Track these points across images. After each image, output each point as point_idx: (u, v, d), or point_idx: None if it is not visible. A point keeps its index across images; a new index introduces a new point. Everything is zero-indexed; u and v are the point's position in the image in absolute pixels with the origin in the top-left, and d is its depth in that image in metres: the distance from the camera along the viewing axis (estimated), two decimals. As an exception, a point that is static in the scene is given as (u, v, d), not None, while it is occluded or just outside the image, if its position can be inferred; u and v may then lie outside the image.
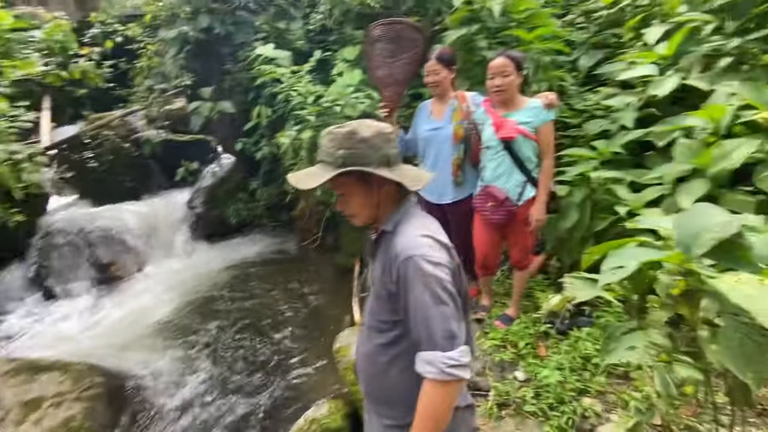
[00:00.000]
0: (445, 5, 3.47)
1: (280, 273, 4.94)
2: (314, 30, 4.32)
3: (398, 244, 1.04)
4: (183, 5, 4.68)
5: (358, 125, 1.06)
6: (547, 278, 2.75)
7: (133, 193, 6.26)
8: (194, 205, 5.99)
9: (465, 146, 2.35)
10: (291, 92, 3.42)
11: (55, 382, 2.87)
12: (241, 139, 4.82)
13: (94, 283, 4.93)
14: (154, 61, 5.31)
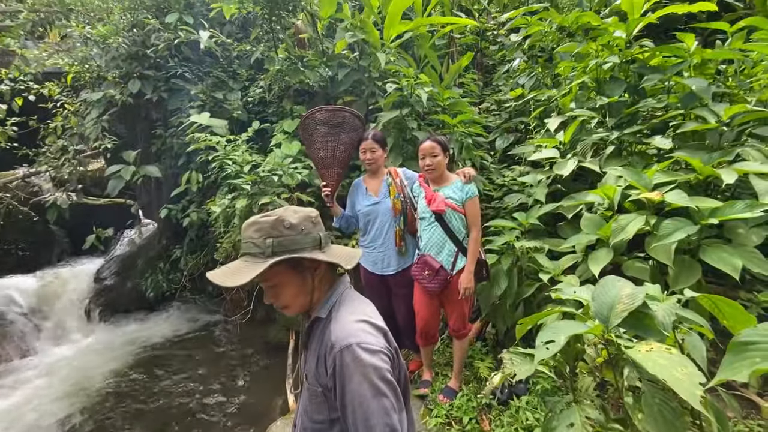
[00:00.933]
0: (379, 89, 3.81)
1: (203, 351, 4.41)
2: (253, 101, 4.42)
3: (333, 333, 0.98)
4: (112, 69, 4.55)
5: (284, 212, 1.03)
6: (485, 345, 2.80)
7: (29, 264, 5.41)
8: (104, 276, 5.31)
9: (403, 218, 2.45)
10: (226, 160, 3.36)
11: None
12: (167, 205, 4.52)
13: (-47, 380, 3.94)
14: (72, 122, 4.95)
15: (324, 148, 2.58)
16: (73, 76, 4.81)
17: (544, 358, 1.10)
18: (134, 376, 4.07)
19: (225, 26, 4.84)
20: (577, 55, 3.20)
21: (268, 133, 4.20)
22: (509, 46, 4.38)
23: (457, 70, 3.84)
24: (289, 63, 3.94)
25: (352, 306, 1.05)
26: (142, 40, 4.53)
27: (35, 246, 5.71)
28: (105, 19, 4.89)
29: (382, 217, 2.47)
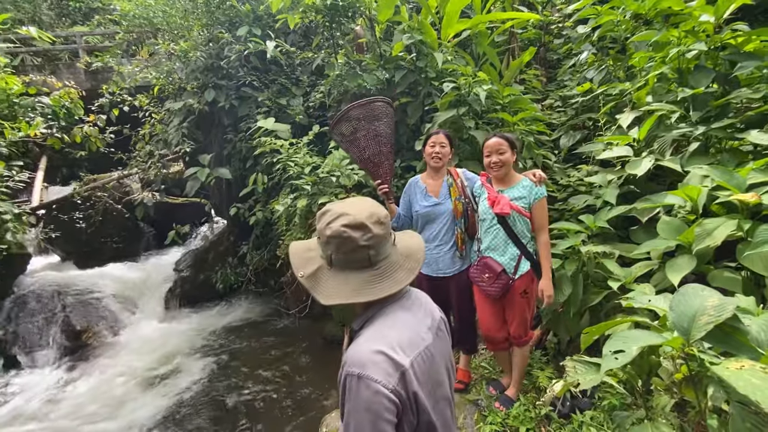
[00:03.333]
0: (435, 90, 3.79)
1: (264, 344, 4.69)
2: (313, 106, 4.62)
3: (349, 352, 0.93)
4: (191, 80, 5.03)
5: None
6: (545, 354, 2.66)
7: (120, 255, 6.15)
8: (181, 268, 5.86)
9: (464, 220, 2.41)
10: (289, 162, 3.56)
11: (0, 472, 2.53)
12: (235, 204, 4.88)
13: (63, 352, 4.60)
14: (158, 129, 5.54)
15: (368, 147, 2.49)
16: (159, 88, 5.39)
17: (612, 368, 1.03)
18: (203, 359, 4.44)
19: (289, 36, 5.12)
20: (656, 44, 2.93)
21: (326, 136, 4.37)
22: (576, 39, 4.13)
23: (518, 66, 3.70)
24: (347, 68, 4.07)
25: (381, 328, 0.96)
26: (217, 53, 4.94)
27: (126, 239, 6.46)
28: (186, 36, 5.41)
29: (442, 219, 2.44)
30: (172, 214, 6.57)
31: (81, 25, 10.92)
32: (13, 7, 10.61)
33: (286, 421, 3.38)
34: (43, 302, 4.98)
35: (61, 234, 6.06)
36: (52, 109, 6.19)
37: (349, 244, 0.95)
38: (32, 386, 4.11)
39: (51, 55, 9.67)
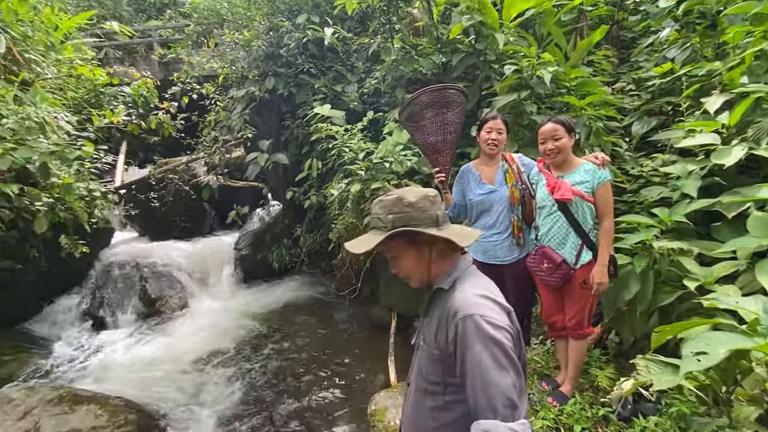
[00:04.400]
0: (494, 73, 3.64)
1: (315, 322, 4.90)
2: (368, 93, 4.65)
3: (455, 302, 1.02)
4: (252, 69, 5.26)
5: (403, 191, 1.12)
6: (605, 353, 2.52)
7: (187, 233, 6.67)
8: (240, 247, 6.25)
9: (521, 207, 2.32)
10: (344, 148, 3.62)
11: (93, 416, 2.90)
12: (291, 188, 5.09)
13: (141, 316, 5.14)
14: (222, 116, 5.88)
15: (433, 133, 2.48)
16: (224, 76, 5.70)
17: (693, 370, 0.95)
18: (258, 332, 4.74)
19: (346, 22, 5.16)
20: (755, 16, 2.58)
21: (380, 122, 4.39)
22: (656, 15, 3.74)
23: (586, 46, 3.45)
24: (403, 53, 4.03)
25: (475, 281, 1.09)
26: (277, 42, 5.11)
27: (193, 218, 6.99)
28: (249, 26, 5.65)
29: (498, 207, 2.37)
30: (232, 197, 6.98)
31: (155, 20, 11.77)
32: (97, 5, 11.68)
33: (335, 398, 3.53)
34: (124, 272, 5.56)
35: (139, 212, 6.70)
36: (132, 97, 6.79)
37: (437, 202, 1.11)
38: (115, 343, 4.65)
39: (129, 48, 10.55)
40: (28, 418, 2.79)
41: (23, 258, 4.61)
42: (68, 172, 4.81)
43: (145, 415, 3.19)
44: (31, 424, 2.75)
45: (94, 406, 2.98)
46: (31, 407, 2.87)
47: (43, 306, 5.12)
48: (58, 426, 2.76)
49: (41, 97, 4.53)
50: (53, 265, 4.96)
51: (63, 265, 5.06)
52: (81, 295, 5.39)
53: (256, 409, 3.45)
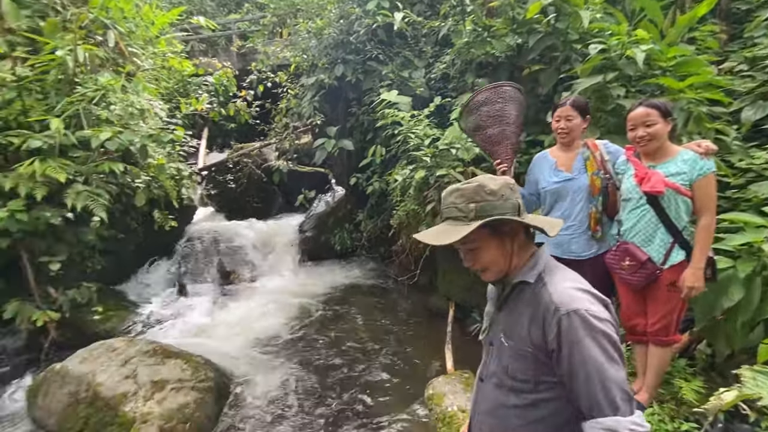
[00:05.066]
0: (576, 54, 3.37)
1: (374, 305, 5.03)
2: (435, 78, 4.57)
3: (552, 297, 0.98)
4: (323, 57, 5.42)
5: (483, 179, 1.07)
6: (692, 365, 2.28)
7: (258, 213, 7.17)
8: (305, 229, 6.57)
9: (602, 198, 2.15)
10: (409, 134, 3.62)
11: (179, 369, 3.28)
12: (355, 174, 5.21)
13: (217, 287, 5.66)
14: (293, 103, 6.17)
15: (492, 126, 2.42)
16: (296, 65, 5.95)
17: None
18: (320, 310, 4.98)
19: (415, 6, 5.10)
20: None
21: (446, 108, 4.30)
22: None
23: (688, 21, 3.05)
24: (475, 35, 3.88)
25: (564, 274, 1.05)
26: (347, 29, 5.20)
27: (263, 200, 7.49)
28: (321, 14, 5.81)
29: (574, 196, 2.22)
30: (299, 181, 7.34)
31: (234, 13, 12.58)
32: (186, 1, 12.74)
33: (392, 380, 3.61)
34: (204, 246, 6.15)
35: (217, 192, 7.33)
36: (215, 86, 7.38)
37: (516, 190, 1.07)
38: (196, 308, 5.18)
39: (212, 41, 11.42)
40: (128, 366, 3.22)
41: (125, 229, 5.27)
42: (161, 153, 5.38)
43: (220, 374, 3.53)
44: (130, 370, 3.17)
45: (180, 361, 3.35)
46: (130, 356, 3.31)
47: (138, 271, 5.84)
48: (151, 375, 3.15)
49: (143, 86, 5.09)
50: (148, 236, 5.61)
51: (155, 237, 5.71)
52: (169, 263, 6.05)
53: (315, 382, 3.64)
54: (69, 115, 4.28)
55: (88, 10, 4.91)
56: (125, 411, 2.87)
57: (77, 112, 4.32)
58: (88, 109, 4.39)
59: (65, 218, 4.16)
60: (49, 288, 4.35)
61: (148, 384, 3.08)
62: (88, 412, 2.93)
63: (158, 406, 2.94)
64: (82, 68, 4.65)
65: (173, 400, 3.02)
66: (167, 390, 3.09)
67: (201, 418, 3.04)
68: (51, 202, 4.15)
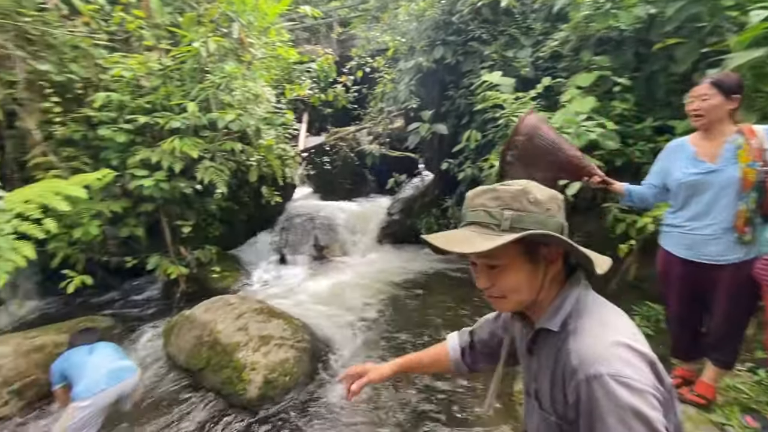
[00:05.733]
0: (729, 22, 2.83)
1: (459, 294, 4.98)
2: (543, 57, 4.24)
3: (575, 353, 0.76)
4: (422, 39, 5.38)
5: (529, 184, 0.85)
6: None
7: (350, 194, 7.54)
8: (392, 212, 6.73)
9: (758, 195, 1.81)
10: (512, 117, 3.43)
11: (281, 328, 3.65)
12: (447, 159, 5.14)
13: (312, 259, 6.14)
14: (388, 87, 6.27)
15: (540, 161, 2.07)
16: (394, 49, 6.01)
17: None
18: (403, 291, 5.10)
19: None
20: None
21: (553, 90, 3.98)
22: None
23: None
24: (596, 7, 3.49)
25: (599, 317, 0.81)
26: (449, 9, 5.08)
27: (355, 182, 7.85)
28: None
29: (718, 191, 1.89)
30: (390, 165, 7.50)
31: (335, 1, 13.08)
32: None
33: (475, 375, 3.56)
34: (302, 221, 6.68)
35: (314, 172, 7.86)
36: (317, 73, 7.83)
37: (563, 209, 0.87)
38: (293, 276, 5.71)
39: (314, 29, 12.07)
40: (241, 320, 3.67)
41: (239, 201, 5.96)
42: (271, 135, 5.93)
43: (315, 338, 3.85)
44: (243, 324, 3.62)
45: (282, 321, 3.73)
46: (243, 312, 3.77)
47: (247, 240, 6.59)
48: (259, 330, 3.56)
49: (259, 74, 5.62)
50: (256, 209, 6.28)
51: (262, 210, 6.37)
52: (271, 235, 6.72)
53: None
54: (201, 100, 4.92)
55: (218, 5, 5.54)
56: (238, 357, 3.30)
57: (207, 96, 4.94)
58: (215, 94, 5.00)
59: (195, 189, 4.86)
60: (180, 247, 5.16)
61: (257, 338, 3.49)
62: (210, 354, 3.43)
63: (264, 358, 3.32)
64: (211, 58, 5.29)
65: (276, 354, 3.38)
66: (271, 345, 3.46)
67: (298, 374, 3.36)
68: (185, 175, 4.87)
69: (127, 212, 4.71)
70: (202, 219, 5.32)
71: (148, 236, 4.97)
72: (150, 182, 4.56)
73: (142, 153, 4.59)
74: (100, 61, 4.84)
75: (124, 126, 4.60)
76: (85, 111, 4.54)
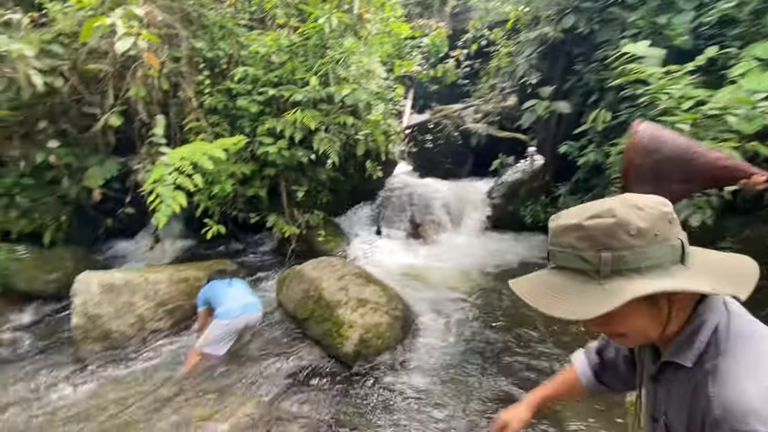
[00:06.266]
0: None
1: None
2: (708, 23, 3.50)
3: (718, 400, 0.64)
4: (550, 7, 4.88)
5: (623, 210, 0.66)
6: None
7: (449, 174, 7.41)
8: (493, 196, 6.45)
9: None
10: (659, 95, 2.94)
11: (377, 294, 3.83)
12: (567, 141, 4.68)
13: (407, 235, 6.27)
14: (504, 62, 5.88)
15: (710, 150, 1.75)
16: (515, 19, 5.57)
17: None
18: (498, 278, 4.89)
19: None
20: None
21: (717, 63, 3.28)
22: None
23: None
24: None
25: (749, 356, 0.65)
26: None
27: (455, 162, 7.67)
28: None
29: None
30: (493, 146, 7.14)
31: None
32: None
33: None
34: (400, 197, 6.82)
35: (415, 150, 7.89)
36: (428, 48, 7.72)
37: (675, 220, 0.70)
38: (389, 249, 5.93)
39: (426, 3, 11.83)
40: (342, 281, 3.95)
41: (345, 173, 6.31)
42: (379, 110, 6.08)
43: (407, 309, 3.97)
44: (344, 285, 3.89)
45: (378, 288, 3.92)
46: (344, 274, 4.05)
47: (349, 209, 6.99)
48: (358, 292, 3.80)
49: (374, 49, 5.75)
50: (360, 181, 6.59)
51: (364, 183, 6.66)
52: (371, 207, 7.01)
53: (486, 350, 3.55)
54: (321, 74, 5.25)
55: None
56: (338, 314, 3.58)
57: (326, 71, 5.25)
58: (334, 69, 5.28)
59: (310, 158, 5.27)
60: (294, 210, 5.70)
61: (355, 299, 3.72)
62: (314, 307, 3.78)
63: (361, 318, 3.54)
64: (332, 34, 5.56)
65: (371, 317, 3.58)
66: (367, 308, 3.67)
67: (390, 339, 3.52)
68: (302, 144, 5.30)
69: (254, 175, 5.35)
70: (313, 186, 5.78)
71: (268, 197, 5.59)
72: (274, 149, 5.08)
73: (269, 122, 5.11)
74: (241, 39, 5.46)
75: (256, 98, 5.16)
76: (227, 84, 5.21)
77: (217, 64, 5.33)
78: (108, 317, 3.58)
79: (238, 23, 5.50)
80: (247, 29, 5.65)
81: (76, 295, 3.58)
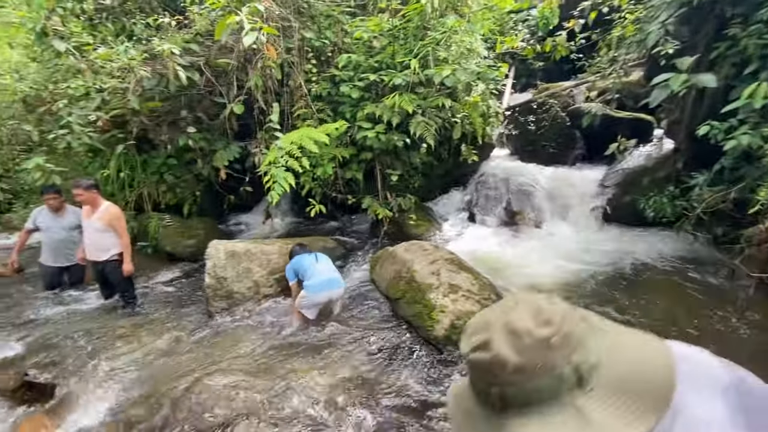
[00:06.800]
0: None
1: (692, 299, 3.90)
2: None
3: None
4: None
5: (500, 338, 0.58)
6: None
7: (553, 160, 6.80)
8: (607, 184, 5.75)
9: None
10: None
11: (469, 282, 3.76)
12: (709, 122, 3.91)
13: (501, 223, 5.99)
14: (629, 30, 5.10)
15: None
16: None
17: None
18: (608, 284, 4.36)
19: None
20: None
21: None
22: None
23: None
24: None
25: None
26: None
27: (561, 146, 6.98)
28: None
29: None
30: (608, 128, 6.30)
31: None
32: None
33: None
34: (496, 183, 6.50)
35: (515, 133, 7.39)
36: (536, 21, 7.06)
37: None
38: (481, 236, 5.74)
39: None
40: (434, 265, 3.96)
41: (438, 157, 6.23)
42: (478, 90, 5.81)
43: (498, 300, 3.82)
44: (436, 269, 3.89)
45: (471, 276, 3.84)
46: (436, 258, 4.05)
47: (441, 194, 6.92)
48: (449, 278, 3.77)
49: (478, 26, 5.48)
50: (453, 166, 6.45)
51: (458, 168, 6.50)
52: (463, 193, 6.83)
53: None
54: (422, 57, 5.20)
55: (445, -42, 5.53)
56: (430, 297, 3.61)
57: (427, 53, 5.17)
58: (434, 50, 5.18)
59: (404, 143, 5.31)
60: (387, 193, 5.85)
61: (447, 284, 3.71)
62: (405, 288, 3.87)
63: (452, 304, 3.52)
64: (434, 14, 5.43)
65: (462, 304, 3.53)
66: (459, 294, 3.63)
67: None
68: (398, 129, 5.36)
69: (352, 158, 5.60)
70: (406, 170, 5.84)
71: (364, 180, 5.83)
72: (372, 134, 5.24)
73: (368, 108, 5.27)
74: (346, 27, 5.67)
75: (357, 83, 5.35)
76: (332, 71, 5.49)
77: (323, 53, 5.64)
78: (231, 280, 4.17)
79: (343, 10, 5.71)
80: (351, 16, 5.83)
81: (209, 259, 4.22)
